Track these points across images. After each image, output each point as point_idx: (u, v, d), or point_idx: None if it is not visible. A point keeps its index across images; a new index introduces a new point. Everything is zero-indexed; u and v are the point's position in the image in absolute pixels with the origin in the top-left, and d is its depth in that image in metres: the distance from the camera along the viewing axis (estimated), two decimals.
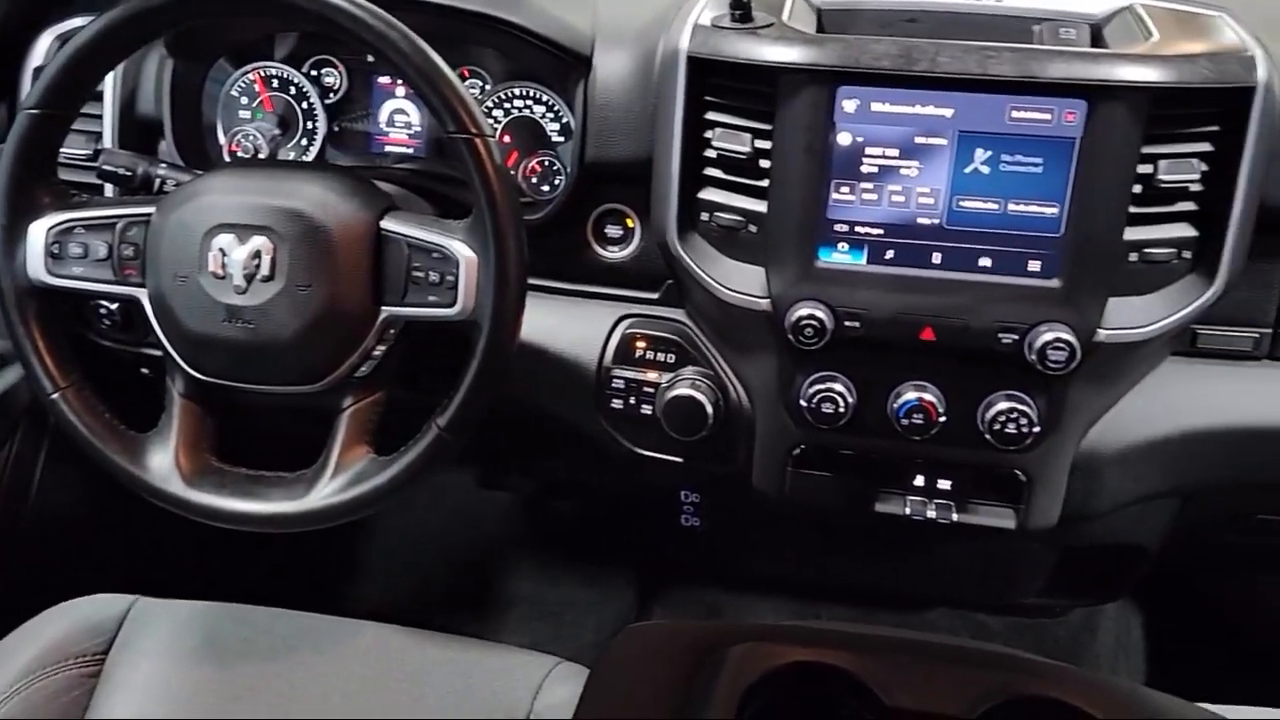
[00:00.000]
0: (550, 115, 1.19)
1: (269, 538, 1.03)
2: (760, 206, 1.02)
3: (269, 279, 0.95)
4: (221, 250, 0.95)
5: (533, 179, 1.21)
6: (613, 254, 1.16)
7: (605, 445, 1.18)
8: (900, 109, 0.97)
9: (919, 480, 1.11)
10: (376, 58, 1.01)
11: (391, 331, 1.00)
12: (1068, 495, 1.09)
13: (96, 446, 1.02)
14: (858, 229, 1.01)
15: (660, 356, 1.14)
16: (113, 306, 1.22)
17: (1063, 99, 0.94)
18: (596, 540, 1.87)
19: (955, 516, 1.10)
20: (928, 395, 1.05)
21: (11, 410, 1.33)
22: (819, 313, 1.01)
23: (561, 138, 1.20)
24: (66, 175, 1.08)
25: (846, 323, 1.02)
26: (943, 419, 1.05)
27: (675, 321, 1.15)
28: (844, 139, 0.99)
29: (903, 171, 0.99)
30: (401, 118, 1.24)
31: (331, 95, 1.25)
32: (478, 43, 1.18)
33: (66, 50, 0.95)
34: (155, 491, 1.02)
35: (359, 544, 1.88)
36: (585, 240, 1.17)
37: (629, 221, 1.15)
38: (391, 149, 1.25)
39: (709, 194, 1.05)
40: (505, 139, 1.21)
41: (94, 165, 1.15)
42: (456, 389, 0.96)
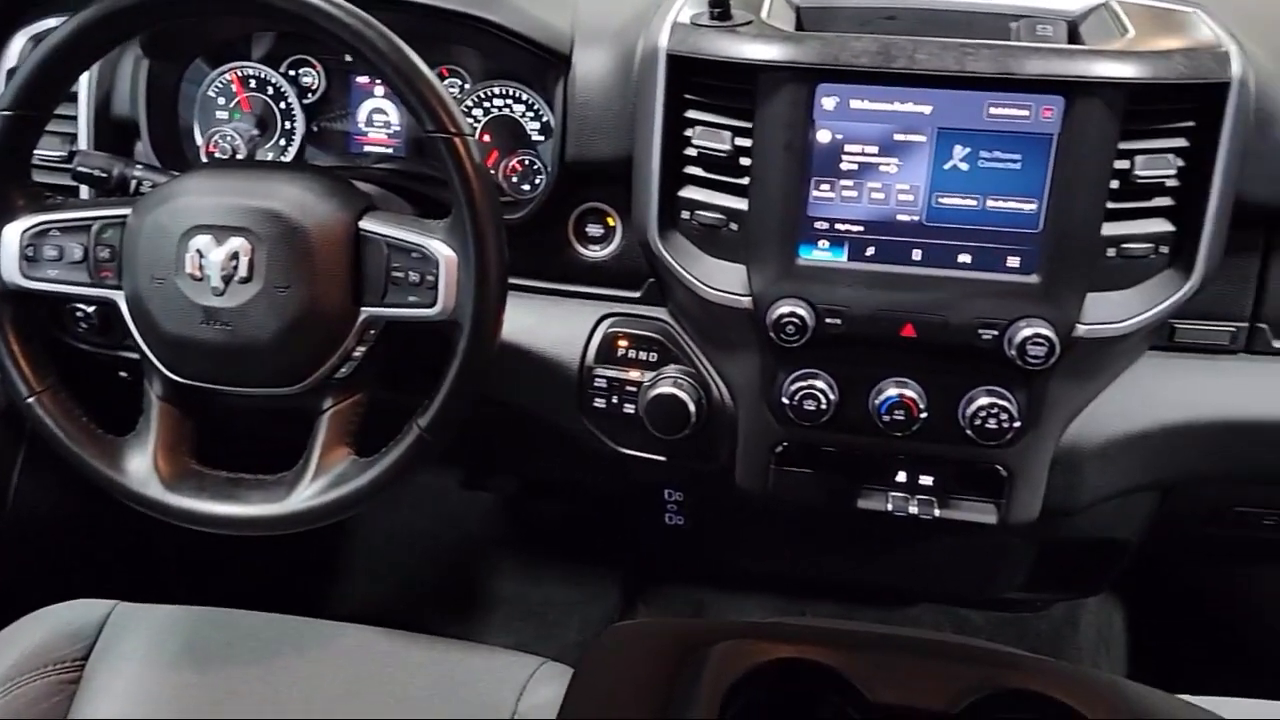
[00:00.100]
0: (530, 114, 1.19)
1: (250, 540, 1.03)
2: (741, 204, 1.02)
3: (247, 280, 0.94)
4: (199, 252, 0.94)
5: (513, 178, 1.21)
6: (594, 253, 1.16)
7: (588, 445, 1.18)
8: (879, 106, 0.97)
9: (901, 476, 1.11)
10: (354, 57, 1.00)
11: (371, 332, 0.99)
12: (1048, 490, 1.10)
13: (74, 450, 1.01)
14: (838, 226, 1.01)
15: (642, 355, 1.14)
16: (89, 309, 1.20)
17: (1040, 95, 0.94)
18: (580, 540, 1.87)
19: (937, 512, 1.11)
20: (909, 392, 1.05)
21: None
22: (800, 310, 1.01)
23: (541, 137, 1.19)
24: (41, 177, 1.07)
25: (827, 320, 1.02)
26: (924, 415, 1.05)
27: (657, 320, 1.14)
28: (823, 136, 0.99)
29: (882, 169, 0.99)
30: (380, 117, 1.24)
31: (309, 95, 1.24)
32: (457, 41, 1.18)
33: (40, 51, 0.95)
34: (134, 495, 1.01)
35: (341, 546, 1.87)
36: (566, 239, 1.16)
37: (610, 220, 1.15)
38: (370, 149, 1.24)
39: (689, 192, 1.05)
40: (485, 138, 1.20)
41: (69, 167, 1.14)
42: (437, 389, 0.96)
